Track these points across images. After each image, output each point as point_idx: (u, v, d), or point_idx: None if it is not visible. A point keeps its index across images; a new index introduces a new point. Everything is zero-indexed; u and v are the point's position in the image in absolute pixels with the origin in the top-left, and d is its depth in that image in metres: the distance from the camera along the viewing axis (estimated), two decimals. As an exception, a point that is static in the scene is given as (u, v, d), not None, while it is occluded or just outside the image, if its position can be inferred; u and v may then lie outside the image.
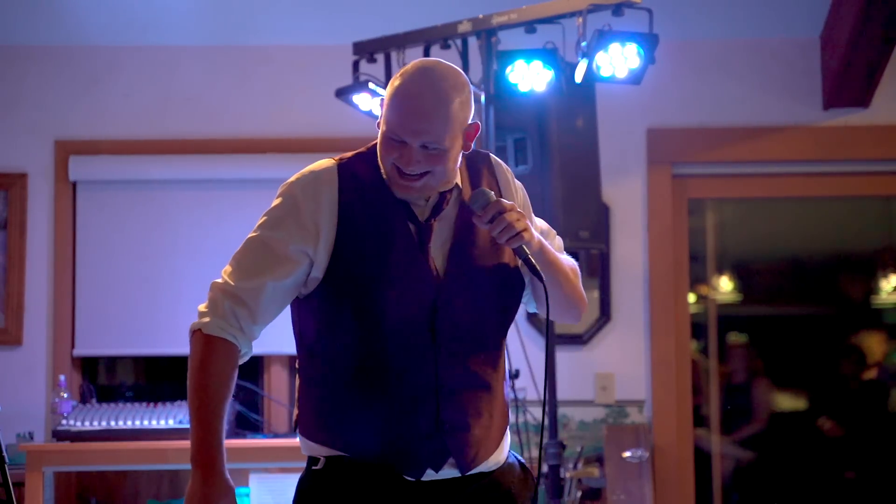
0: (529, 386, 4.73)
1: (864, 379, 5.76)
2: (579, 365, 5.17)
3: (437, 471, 2.30)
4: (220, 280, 2.37)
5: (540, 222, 2.52)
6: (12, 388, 5.05)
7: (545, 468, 4.36)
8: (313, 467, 2.36)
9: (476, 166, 2.44)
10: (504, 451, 2.42)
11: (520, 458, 2.48)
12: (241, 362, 2.37)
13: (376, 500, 2.30)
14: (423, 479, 2.31)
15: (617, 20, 4.01)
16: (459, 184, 2.38)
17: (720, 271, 5.70)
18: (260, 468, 4.67)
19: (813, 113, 5.26)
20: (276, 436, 4.87)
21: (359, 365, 2.30)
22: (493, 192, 2.30)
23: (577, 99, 4.24)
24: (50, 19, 5.12)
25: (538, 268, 2.29)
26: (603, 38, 3.98)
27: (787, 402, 5.86)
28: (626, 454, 4.84)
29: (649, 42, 4.01)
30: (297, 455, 4.78)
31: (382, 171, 2.33)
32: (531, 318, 5.18)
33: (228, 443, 4.82)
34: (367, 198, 2.32)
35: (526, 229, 2.28)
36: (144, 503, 5.07)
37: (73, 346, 5.17)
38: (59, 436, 4.58)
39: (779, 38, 5.29)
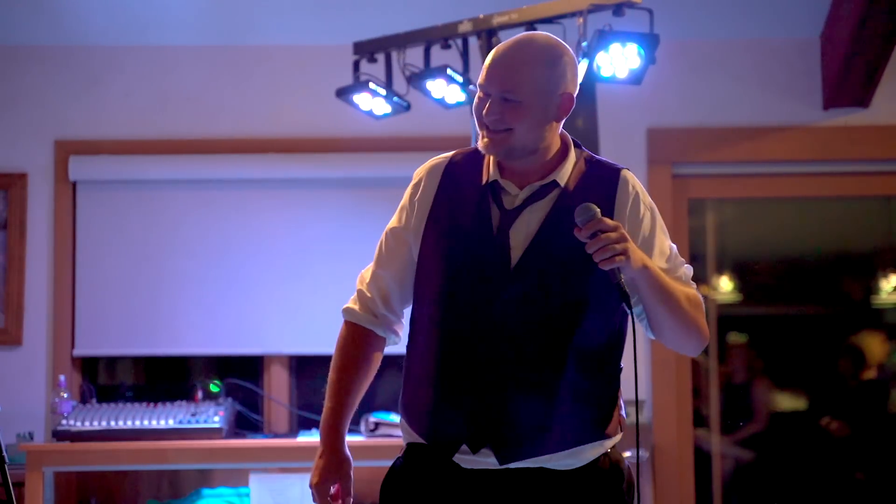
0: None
1: (863, 379, 5.75)
2: (579, 365, 5.16)
3: (474, 452, 2.35)
4: (363, 273, 2.57)
5: (668, 248, 2.46)
6: (12, 388, 5.05)
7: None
8: (399, 455, 2.52)
9: (596, 173, 2.44)
10: (586, 455, 2.40)
11: (622, 463, 2.48)
12: (387, 345, 2.56)
13: (435, 485, 2.40)
14: (473, 467, 2.37)
15: (617, 20, 4.01)
16: (561, 183, 2.39)
17: (720, 271, 5.70)
18: (260, 468, 4.67)
19: (813, 113, 5.26)
20: (276, 436, 4.87)
21: (430, 352, 2.42)
22: (598, 210, 2.25)
23: (578, 99, 4.22)
24: (50, 19, 5.12)
25: (627, 293, 2.26)
26: (603, 38, 3.97)
27: (787, 402, 5.86)
28: (627, 454, 4.83)
29: (650, 42, 4.01)
30: (298, 455, 4.80)
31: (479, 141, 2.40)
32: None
33: (228, 443, 4.83)
34: (462, 184, 2.43)
35: (624, 252, 2.22)
36: (144, 503, 5.07)
37: (73, 346, 5.16)
38: (59, 436, 4.58)
39: (779, 38, 5.29)
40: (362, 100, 4.56)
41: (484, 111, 2.34)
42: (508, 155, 2.37)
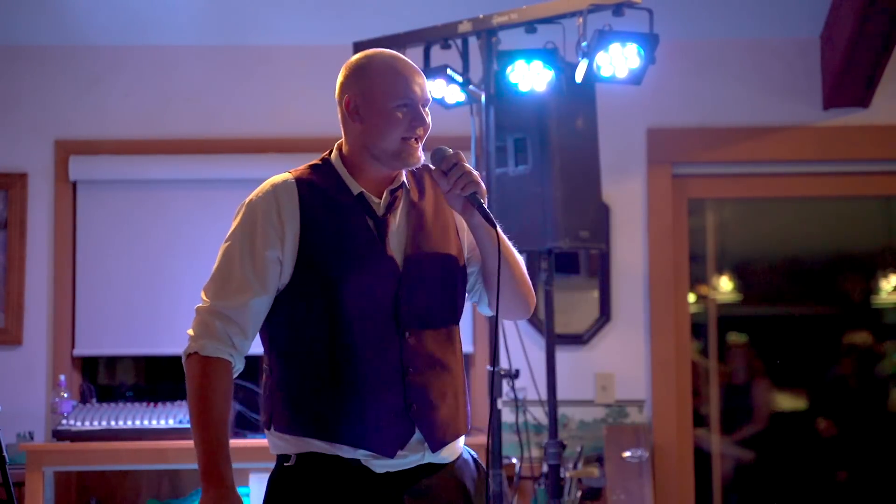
0: (529, 386, 4.73)
1: (863, 379, 5.76)
2: (579, 365, 5.17)
3: (402, 448, 2.41)
4: (204, 303, 2.47)
5: None
6: (12, 388, 5.05)
7: (544, 468, 4.36)
8: (285, 464, 2.46)
9: (418, 173, 2.60)
10: (461, 445, 2.56)
11: (474, 454, 2.61)
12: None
13: (346, 493, 2.41)
14: (388, 469, 2.42)
15: (617, 20, 4.01)
16: (406, 184, 2.54)
17: (720, 271, 5.70)
18: (260, 468, 4.67)
19: (813, 113, 5.26)
20: (276, 436, 4.87)
21: (330, 357, 2.40)
22: (449, 148, 2.46)
23: (578, 99, 4.24)
24: (50, 19, 5.12)
25: (491, 216, 2.43)
26: (603, 38, 3.98)
27: (787, 402, 5.86)
28: (626, 454, 4.84)
29: (649, 42, 4.01)
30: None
31: (384, 149, 2.45)
32: (530, 318, 5.17)
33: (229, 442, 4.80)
34: (327, 198, 2.46)
35: (479, 181, 2.44)
36: (144, 503, 5.08)
37: (73, 346, 5.17)
38: (59, 435, 4.59)
39: (779, 38, 5.29)
40: (362, 100, 4.55)
41: (418, 120, 2.45)
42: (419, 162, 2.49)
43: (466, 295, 2.61)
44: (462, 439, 2.56)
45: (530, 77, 4.14)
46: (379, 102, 2.44)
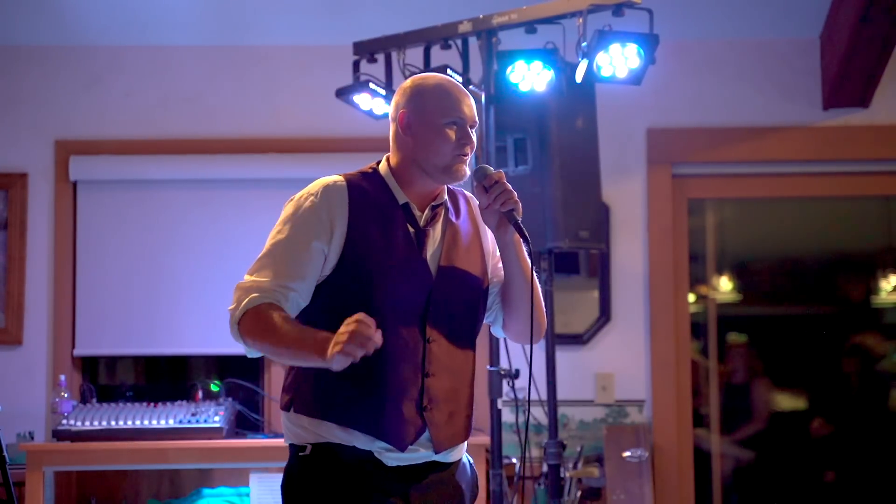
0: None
1: (863, 379, 5.76)
2: (579, 365, 5.17)
3: (413, 443, 2.56)
4: (246, 280, 2.57)
5: None
6: (12, 388, 5.05)
7: (544, 468, 4.36)
8: (300, 454, 2.59)
9: (456, 195, 2.77)
10: (464, 450, 2.72)
11: (471, 460, 2.76)
12: None
13: (359, 483, 2.54)
14: (398, 463, 2.57)
15: (617, 20, 4.01)
16: (447, 202, 2.71)
17: (720, 271, 5.70)
18: (260, 468, 4.67)
19: (813, 113, 5.26)
20: (276, 436, 4.87)
21: (374, 353, 2.45)
22: (491, 167, 2.63)
23: (577, 99, 4.24)
24: (50, 19, 5.12)
25: (526, 233, 2.60)
26: (603, 38, 3.97)
27: (787, 402, 5.86)
28: (626, 454, 4.84)
29: (649, 42, 4.01)
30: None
31: (434, 164, 2.60)
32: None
33: (228, 443, 4.84)
34: (374, 204, 2.61)
35: (518, 201, 2.61)
36: (144, 503, 5.08)
37: (73, 346, 5.17)
38: (60, 435, 4.59)
39: (779, 39, 5.29)
40: (362, 100, 4.56)
41: (466, 138, 2.62)
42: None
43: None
44: (465, 445, 2.71)
45: (530, 77, 4.14)
46: (431, 119, 2.61)
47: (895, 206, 5.73)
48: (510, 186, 2.60)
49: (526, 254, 2.69)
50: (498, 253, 2.73)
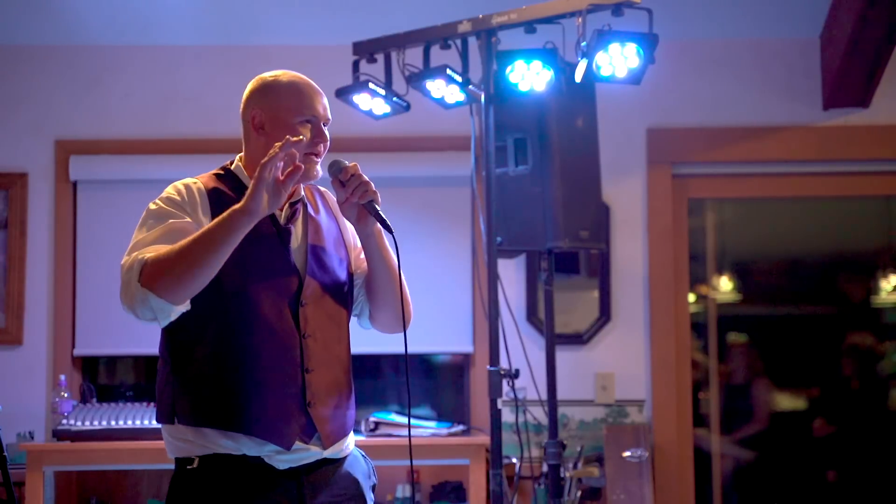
0: (529, 386, 4.73)
1: (863, 379, 5.76)
2: (579, 365, 5.17)
3: (305, 442, 2.54)
4: (131, 257, 2.47)
5: None
6: (12, 387, 5.05)
7: (544, 468, 4.36)
8: (188, 467, 2.53)
9: (312, 190, 2.77)
10: (353, 441, 2.72)
11: (362, 452, 2.78)
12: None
13: (251, 492, 2.50)
14: (290, 465, 2.53)
15: (617, 20, 4.01)
16: (305, 198, 2.70)
17: (720, 271, 5.70)
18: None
19: (813, 113, 5.26)
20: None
21: (234, 351, 2.51)
22: (345, 160, 2.59)
23: (577, 99, 4.24)
24: (50, 19, 5.13)
25: (387, 221, 2.56)
26: (603, 38, 3.97)
27: (787, 402, 5.86)
28: (626, 454, 4.84)
29: (649, 42, 4.01)
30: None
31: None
32: (530, 317, 5.18)
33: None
34: (234, 199, 2.50)
35: (376, 191, 2.57)
36: (144, 503, 5.08)
37: (73, 346, 5.17)
38: (60, 435, 4.59)
39: (779, 38, 5.29)
40: (362, 100, 4.56)
41: (319, 135, 2.61)
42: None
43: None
44: (352, 436, 2.71)
45: (530, 77, 4.13)
46: (283, 118, 2.61)
47: (895, 206, 5.73)
48: (366, 178, 2.56)
49: (388, 243, 2.66)
50: (359, 244, 2.70)
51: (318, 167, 2.60)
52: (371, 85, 4.48)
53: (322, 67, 5.18)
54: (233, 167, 2.71)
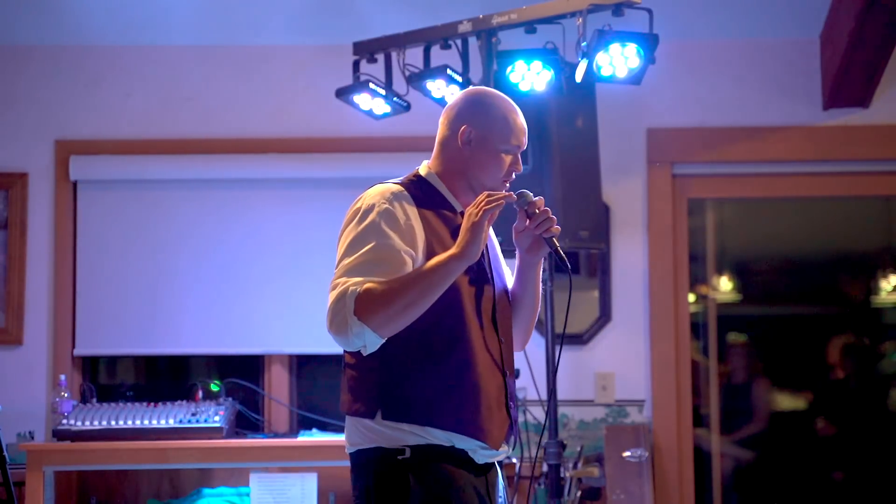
0: (529, 386, 4.73)
1: (863, 379, 5.76)
2: (579, 365, 5.17)
3: (506, 440, 2.70)
4: (342, 283, 2.54)
5: None
6: (12, 387, 5.05)
7: (544, 468, 4.36)
8: (399, 457, 2.59)
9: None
10: None
11: None
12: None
13: (463, 478, 2.61)
14: (486, 460, 2.66)
15: (617, 20, 4.01)
16: None
17: (720, 271, 5.70)
18: (260, 468, 4.67)
19: (813, 113, 5.26)
20: (276, 435, 4.87)
21: (450, 353, 2.60)
22: (530, 192, 2.72)
23: (577, 99, 4.24)
24: (50, 19, 5.13)
25: (565, 258, 2.68)
26: (603, 38, 3.98)
27: (787, 402, 5.86)
28: (626, 454, 4.84)
29: (649, 42, 4.01)
30: (298, 455, 4.79)
31: (482, 182, 2.69)
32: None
33: (228, 442, 4.83)
34: (436, 212, 2.67)
35: (558, 227, 2.71)
36: (144, 503, 5.08)
37: (73, 346, 5.17)
38: (60, 435, 4.59)
39: (778, 39, 5.29)
40: (362, 100, 4.56)
41: (517, 166, 2.74)
42: None
43: None
44: None
45: (530, 77, 4.14)
46: (492, 142, 2.68)
47: (895, 206, 5.73)
48: (548, 210, 2.70)
49: (540, 276, 2.82)
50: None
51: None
52: (371, 85, 4.49)
53: (322, 67, 5.20)
54: (426, 175, 2.74)
